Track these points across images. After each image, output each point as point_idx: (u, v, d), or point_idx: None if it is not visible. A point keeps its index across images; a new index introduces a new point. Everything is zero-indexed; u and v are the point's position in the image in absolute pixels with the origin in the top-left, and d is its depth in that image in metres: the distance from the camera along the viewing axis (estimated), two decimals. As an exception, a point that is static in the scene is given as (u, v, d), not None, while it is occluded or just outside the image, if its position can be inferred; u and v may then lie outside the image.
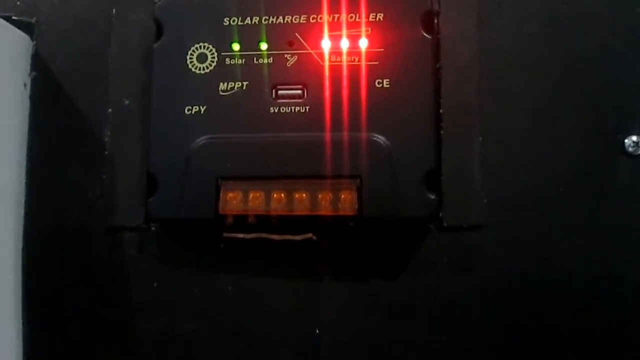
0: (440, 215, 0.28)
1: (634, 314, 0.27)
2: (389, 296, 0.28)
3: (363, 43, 0.27)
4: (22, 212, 0.29)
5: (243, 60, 0.28)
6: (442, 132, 0.28)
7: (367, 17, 0.27)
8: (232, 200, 0.27)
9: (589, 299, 0.28)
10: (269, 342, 0.28)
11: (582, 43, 0.29)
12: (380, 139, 0.26)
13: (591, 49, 0.29)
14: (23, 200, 0.30)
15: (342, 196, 0.26)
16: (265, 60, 0.28)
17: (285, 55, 0.28)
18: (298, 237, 0.28)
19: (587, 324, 0.27)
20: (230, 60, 0.28)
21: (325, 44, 0.27)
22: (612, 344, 0.27)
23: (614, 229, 0.28)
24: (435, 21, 0.28)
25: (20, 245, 0.29)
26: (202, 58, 0.28)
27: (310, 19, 0.27)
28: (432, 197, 0.26)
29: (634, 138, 0.28)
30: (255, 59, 0.28)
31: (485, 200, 0.28)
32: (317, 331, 0.28)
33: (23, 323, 0.29)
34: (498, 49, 0.29)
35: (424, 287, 0.28)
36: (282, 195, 0.27)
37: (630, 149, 0.28)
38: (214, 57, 0.28)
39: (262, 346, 0.29)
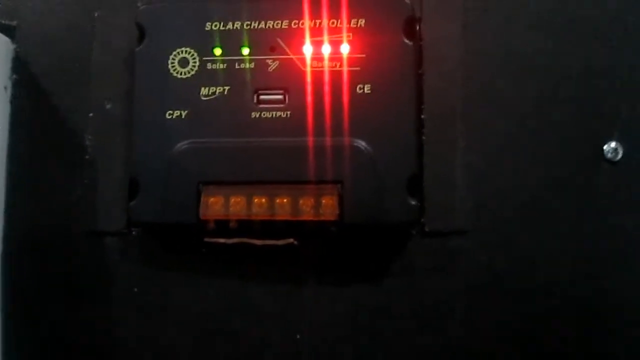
0: (422, 220, 0.28)
1: (616, 316, 0.28)
2: (371, 301, 0.28)
3: (344, 49, 0.27)
4: (1, 215, 0.29)
5: (225, 65, 0.28)
6: (424, 137, 0.28)
7: (349, 22, 0.27)
8: (214, 205, 0.27)
9: (571, 303, 0.28)
10: (251, 346, 0.28)
11: (564, 50, 0.29)
12: (362, 144, 0.27)
13: (573, 56, 0.29)
14: (3, 203, 0.29)
15: (324, 201, 0.26)
16: (247, 65, 0.28)
17: (267, 61, 0.28)
18: (280, 242, 0.28)
19: (570, 327, 0.28)
20: (212, 65, 0.28)
21: (307, 50, 0.27)
22: (595, 345, 0.28)
23: (595, 233, 0.28)
24: (417, 27, 0.29)
25: (-1, 248, 0.29)
26: (183, 62, 0.28)
27: (292, 24, 0.28)
28: (414, 202, 0.27)
29: (613, 144, 0.28)
30: (237, 64, 0.28)
31: (470, 204, 0.28)
32: (298, 336, 0.28)
33: (2, 328, 0.29)
34: (481, 55, 0.29)
35: (406, 292, 0.28)
36: (264, 200, 0.27)
37: (610, 155, 0.28)
38: (195, 62, 0.28)
39: (244, 349, 0.28)
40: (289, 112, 0.27)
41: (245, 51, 0.28)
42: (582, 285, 0.28)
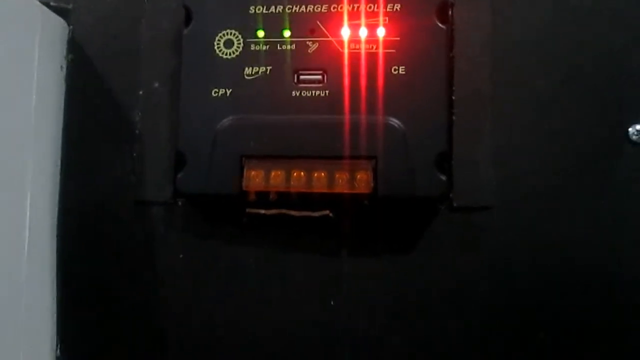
0: (450, 196, 0.29)
1: (637, 295, 0.29)
2: (400, 271, 0.30)
3: (381, 32, 0.29)
4: (57, 187, 0.31)
5: (267, 47, 0.29)
6: (454, 117, 0.29)
7: (385, 7, 0.28)
8: (255, 177, 0.28)
9: (592, 279, 0.29)
10: (287, 312, 0.30)
11: (589, 34, 0.30)
12: (395, 122, 0.28)
13: (598, 40, 0.30)
14: (58, 176, 0.31)
15: (358, 176, 0.28)
16: (288, 47, 0.29)
17: (307, 42, 0.29)
18: (316, 214, 0.29)
19: (590, 302, 0.29)
20: (255, 46, 0.29)
21: (345, 32, 0.29)
22: (615, 324, 0.29)
23: (617, 213, 0.29)
24: (450, 12, 0.30)
25: (55, 218, 0.31)
26: (228, 44, 0.29)
27: (331, 8, 0.29)
28: (443, 178, 0.28)
29: (638, 127, 0.29)
30: (278, 45, 0.29)
31: (494, 183, 0.29)
32: (332, 303, 0.30)
33: (57, 290, 0.31)
34: (509, 39, 0.30)
35: (433, 263, 0.30)
36: (302, 173, 0.28)
37: (634, 137, 0.29)
38: (240, 43, 0.29)
39: (280, 315, 0.30)
40: (327, 91, 0.29)
41: (287, 33, 0.29)
42: (603, 263, 0.29)
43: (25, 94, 0.29)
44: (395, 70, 0.28)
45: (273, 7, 0.29)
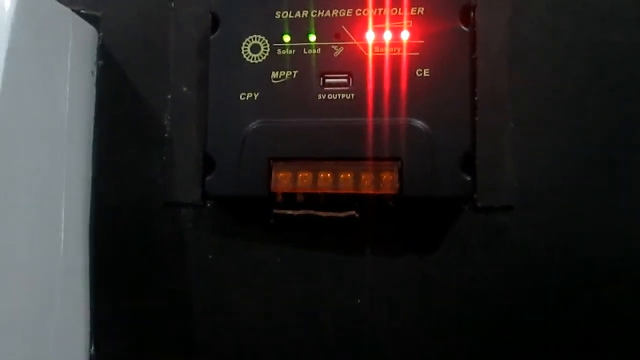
0: (474, 196, 0.30)
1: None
2: (424, 270, 0.30)
3: (405, 35, 0.29)
4: (89, 189, 0.32)
5: (293, 51, 0.30)
6: (476, 118, 0.30)
7: (409, 11, 0.29)
8: (283, 179, 0.29)
9: (612, 278, 0.29)
10: (313, 310, 0.31)
11: (607, 34, 0.30)
12: (420, 124, 0.28)
13: (616, 40, 0.30)
14: (90, 178, 0.32)
15: (384, 177, 0.28)
16: (314, 51, 0.30)
17: (332, 47, 0.29)
18: (342, 214, 0.30)
19: (612, 301, 0.29)
20: (281, 51, 0.30)
21: (370, 36, 0.29)
22: (635, 320, 0.29)
23: (638, 212, 0.29)
24: (472, 14, 0.30)
25: (88, 221, 0.32)
26: (255, 49, 0.30)
27: (356, 12, 0.29)
28: (468, 178, 0.28)
29: (657, 127, 0.29)
30: (304, 49, 0.30)
31: (516, 183, 0.30)
32: (359, 301, 0.30)
33: (90, 289, 0.32)
34: (529, 41, 0.30)
35: (457, 263, 0.30)
36: (328, 175, 0.29)
37: (654, 137, 0.29)
38: (266, 48, 0.30)
39: (306, 313, 0.31)
40: (352, 94, 0.29)
41: (312, 38, 0.30)
42: (623, 261, 0.29)
43: (58, 100, 0.30)
44: (419, 72, 0.29)
45: (298, 12, 0.30)
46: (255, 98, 0.30)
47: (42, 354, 0.29)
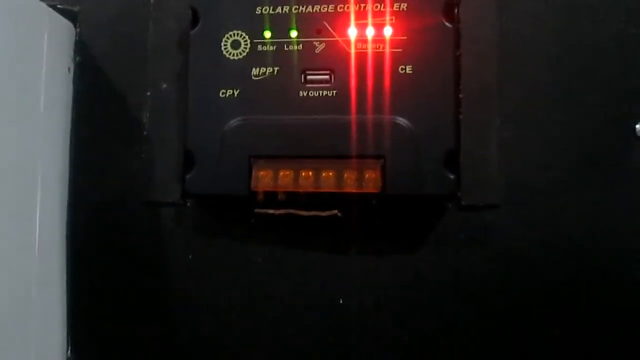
0: (459, 194, 0.29)
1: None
2: (408, 269, 0.30)
3: (387, 31, 0.29)
4: (66, 188, 0.32)
5: (274, 47, 0.29)
6: (461, 115, 0.29)
7: (392, 6, 0.29)
8: (263, 177, 0.28)
9: (601, 275, 0.29)
10: (296, 311, 0.30)
11: (596, 29, 0.30)
12: (403, 121, 0.28)
13: (605, 35, 0.30)
14: (67, 177, 0.32)
15: (367, 175, 0.28)
16: (295, 47, 0.29)
17: (314, 43, 0.29)
18: (324, 213, 0.29)
19: (600, 298, 0.29)
20: (262, 47, 0.29)
21: (352, 32, 0.29)
22: (623, 317, 0.29)
23: (625, 209, 0.29)
24: (456, 10, 0.30)
25: (64, 220, 0.31)
26: (235, 45, 0.29)
27: (338, 8, 0.29)
28: (451, 176, 0.28)
29: (645, 123, 0.29)
30: (285, 45, 0.29)
31: (503, 180, 0.29)
32: (341, 301, 0.30)
33: (67, 287, 0.31)
34: (516, 36, 0.30)
35: (441, 262, 0.30)
36: (310, 173, 0.28)
37: (641, 134, 0.29)
38: (247, 44, 0.29)
39: (290, 314, 0.30)
40: (334, 91, 0.29)
41: (294, 34, 0.29)
42: (611, 259, 0.29)
43: (33, 96, 0.29)
44: (402, 69, 0.28)
45: (280, 7, 0.29)
46: (236, 95, 0.29)
47: (18, 357, 0.28)
